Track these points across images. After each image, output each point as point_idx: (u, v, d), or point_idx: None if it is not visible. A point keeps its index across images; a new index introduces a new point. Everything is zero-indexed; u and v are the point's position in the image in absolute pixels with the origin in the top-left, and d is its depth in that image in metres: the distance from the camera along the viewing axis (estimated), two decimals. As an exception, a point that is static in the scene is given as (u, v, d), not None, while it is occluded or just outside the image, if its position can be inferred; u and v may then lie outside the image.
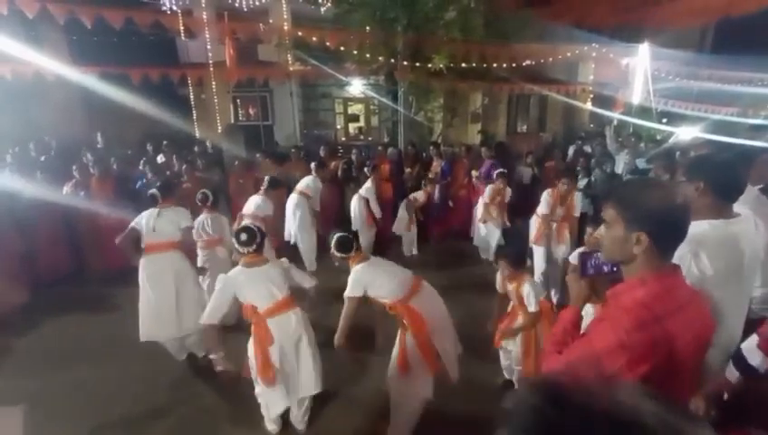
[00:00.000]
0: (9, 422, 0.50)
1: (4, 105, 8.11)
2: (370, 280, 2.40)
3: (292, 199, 5.00)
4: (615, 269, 1.29)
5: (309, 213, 4.97)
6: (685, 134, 8.00)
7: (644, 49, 8.65)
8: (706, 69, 9.94)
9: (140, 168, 5.69)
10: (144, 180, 5.37)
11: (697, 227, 1.38)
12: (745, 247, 1.61)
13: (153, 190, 3.41)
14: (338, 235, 2.51)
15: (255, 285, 2.47)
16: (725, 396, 1.51)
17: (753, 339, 1.51)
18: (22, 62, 6.97)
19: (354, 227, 5.12)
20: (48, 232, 4.76)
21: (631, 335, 1.02)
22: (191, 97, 10.52)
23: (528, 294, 2.60)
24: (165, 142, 7.52)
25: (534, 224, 4.34)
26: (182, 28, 9.20)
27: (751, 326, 1.60)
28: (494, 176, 5.29)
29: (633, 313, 1.05)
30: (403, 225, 5.55)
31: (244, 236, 2.52)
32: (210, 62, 9.40)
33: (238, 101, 11.73)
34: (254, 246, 2.53)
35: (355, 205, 5.41)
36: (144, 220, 3.25)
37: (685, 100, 9.85)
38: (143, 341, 3.19)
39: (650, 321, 1.03)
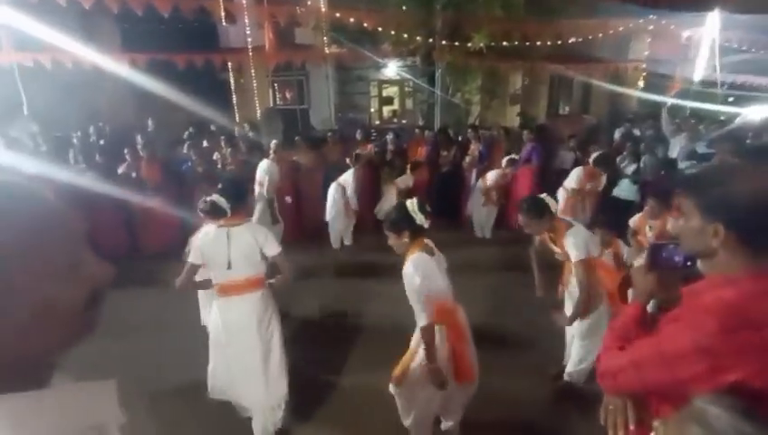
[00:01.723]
0: (105, 394, 0.56)
1: (66, 93, 8.72)
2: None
3: (332, 188, 5.31)
4: (689, 264, 1.19)
5: (343, 201, 5.31)
6: (754, 114, 7.23)
7: (713, 17, 7.74)
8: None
9: (185, 151, 5.96)
10: (189, 163, 5.64)
11: None
12: None
13: (216, 199, 2.33)
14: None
15: (443, 276, 2.08)
16: None
17: None
18: (78, 52, 7.44)
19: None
20: (107, 212, 5.14)
21: (713, 339, 0.92)
22: (231, 82, 10.82)
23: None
24: (211, 126, 7.82)
25: (562, 197, 4.49)
26: (223, 13, 9.43)
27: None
28: (504, 162, 5.46)
29: (718, 314, 0.95)
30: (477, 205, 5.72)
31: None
32: (249, 46, 9.58)
33: (276, 84, 11.92)
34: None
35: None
36: (206, 248, 2.32)
37: (759, 73, 8.83)
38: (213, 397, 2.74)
39: (741, 325, 0.92)
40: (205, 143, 6.41)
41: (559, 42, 8.32)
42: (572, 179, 4.87)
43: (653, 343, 1.05)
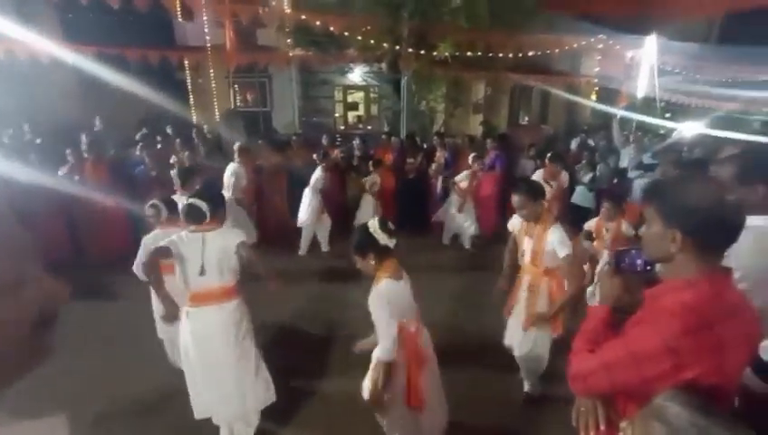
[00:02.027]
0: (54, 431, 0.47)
1: (-2, 86, 7.88)
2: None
3: (307, 195, 5.14)
4: (649, 268, 1.25)
5: (319, 205, 5.17)
6: (688, 130, 7.95)
7: (651, 41, 8.51)
8: (712, 63, 9.85)
9: (137, 153, 5.55)
10: (142, 166, 5.25)
11: (755, 221, 1.31)
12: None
13: (196, 202, 2.22)
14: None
15: (409, 302, 1.98)
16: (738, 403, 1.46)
17: None
18: (14, 41, 6.74)
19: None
20: (45, 217, 4.65)
21: (678, 340, 0.98)
22: (188, 81, 10.29)
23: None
24: (168, 128, 7.36)
25: None
26: (179, 9, 8.98)
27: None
28: (470, 160, 5.46)
29: (679, 316, 1.00)
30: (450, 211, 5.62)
31: (391, 224, 1.94)
32: (208, 45, 9.17)
33: (236, 86, 11.50)
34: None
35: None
36: (182, 250, 2.21)
37: (689, 94, 9.79)
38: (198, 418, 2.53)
39: (700, 326, 0.99)
40: (159, 145, 6.01)
41: (520, 54, 8.70)
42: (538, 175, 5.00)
43: (621, 345, 1.09)
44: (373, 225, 1.92)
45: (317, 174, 5.14)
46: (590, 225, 3.60)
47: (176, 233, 2.29)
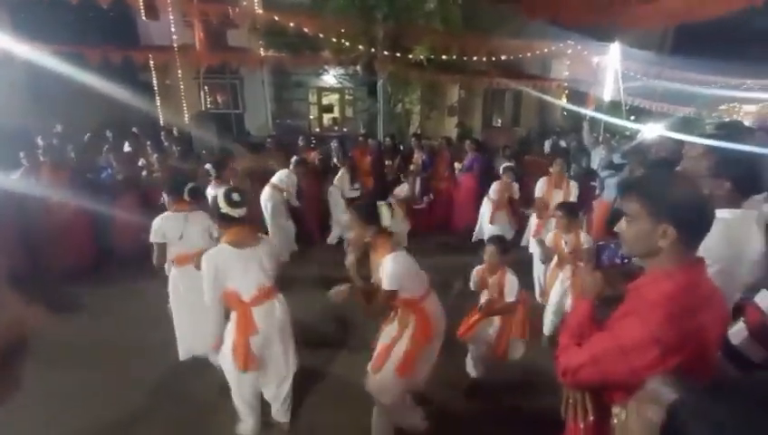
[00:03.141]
0: None
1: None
2: (406, 272, 2.06)
3: (265, 192, 4.79)
4: (627, 261, 1.28)
5: (281, 205, 4.82)
6: (649, 131, 8.37)
7: (615, 48, 8.93)
8: (667, 70, 10.48)
9: (103, 156, 5.23)
10: (109, 171, 4.94)
11: (722, 213, 1.37)
12: (747, 239, 1.62)
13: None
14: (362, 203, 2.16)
15: (244, 270, 2.13)
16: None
17: (741, 329, 1.47)
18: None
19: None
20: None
21: (663, 329, 1.01)
22: (154, 82, 9.86)
23: (512, 283, 2.55)
24: (134, 129, 7.00)
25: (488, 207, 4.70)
26: (142, 6, 8.58)
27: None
28: (501, 170, 5.23)
29: (663, 306, 1.04)
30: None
31: (236, 196, 2.12)
32: (175, 45, 8.82)
33: (206, 87, 11.14)
34: (245, 211, 2.19)
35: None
36: (167, 227, 2.73)
37: (650, 98, 10.32)
38: (183, 359, 2.96)
39: (682, 314, 1.03)
40: (126, 147, 5.70)
41: (493, 58, 8.88)
42: (492, 190, 5.11)
43: (609, 338, 1.12)
44: (219, 194, 2.13)
45: (281, 175, 4.87)
46: (549, 239, 3.27)
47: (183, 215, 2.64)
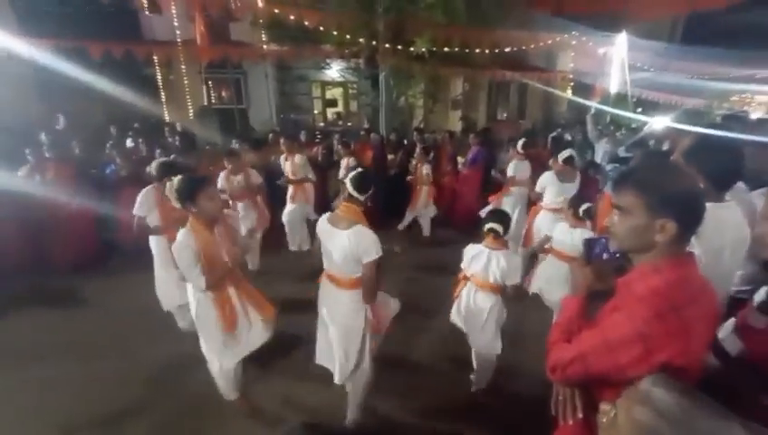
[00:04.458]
0: None
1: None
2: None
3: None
4: (617, 255, 1.27)
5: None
6: (657, 123, 8.24)
7: (621, 38, 8.77)
8: (677, 61, 10.26)
9: (108, 152, 5.26)
10: (113, 166, 4.97)
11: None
12: (730, 232, 1.60)
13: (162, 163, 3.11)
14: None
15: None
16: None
17: (731, 323, 1.49)
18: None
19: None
20: (3, 220, 4.34)
21: (648, 325, 1.00)
22: (158, 77, 9.88)
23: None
24: (135, 125, 7.03)
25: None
26: (145, 1, 8.58)
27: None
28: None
29: (649, 302, 1.03)
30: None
31: (364, 181, 2.13)
32: (178, 40, 8.81)
33: (210, 82, 11.14)
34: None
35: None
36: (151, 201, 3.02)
37: (658, 90, 10.15)
38: (166, 310, 3.30)
39: (667, 310, 1.00)
40: (130, 143, 5.72)
41: (496, 50, 8.77)
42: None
43: (596, 334, 1.11)
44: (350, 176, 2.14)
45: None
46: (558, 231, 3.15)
47: None
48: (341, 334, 2.25)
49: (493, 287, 2.52)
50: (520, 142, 5.09)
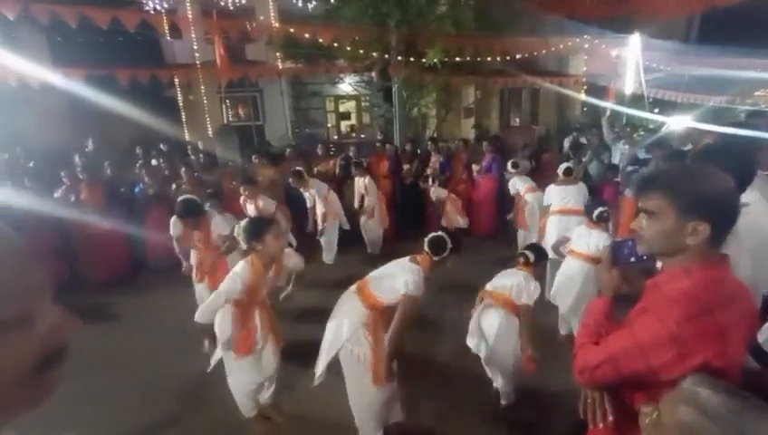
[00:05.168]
0: None
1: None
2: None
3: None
4: (645, 258, 1.26)
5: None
6: (676, 123, 8.07)
7: (635, 39, 8.68)
8: (694, 58, 10.05)
9: (137, 171, 5.51)
10: (141, 185, 5.21)
11: None
12: (756, 235, 1.54)
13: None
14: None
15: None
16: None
17: None
18: (3, 66, 6.69)
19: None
20: (40, 240, 4.59)
21: (680, 327, 0.97)
22: (179, 99, 10.28)
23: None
24: (161, 145, 7.33)
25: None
26: (167, 27, 8.99)
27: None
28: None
29: (680, 303, 1.00)
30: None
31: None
32: (198, 62, 9.18)
33: (227, 101, 11.53)
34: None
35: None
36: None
37: (675, 89, 9.95)
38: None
39: (700, 312, 0.98)
40: (154, 162, 5.98)
41: (507, 57, 8.80)
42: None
43: (626, 336, 1.08)
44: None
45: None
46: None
47: None
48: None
49: (506, 302, 2.57)
50: (509, 163, 5.37)
